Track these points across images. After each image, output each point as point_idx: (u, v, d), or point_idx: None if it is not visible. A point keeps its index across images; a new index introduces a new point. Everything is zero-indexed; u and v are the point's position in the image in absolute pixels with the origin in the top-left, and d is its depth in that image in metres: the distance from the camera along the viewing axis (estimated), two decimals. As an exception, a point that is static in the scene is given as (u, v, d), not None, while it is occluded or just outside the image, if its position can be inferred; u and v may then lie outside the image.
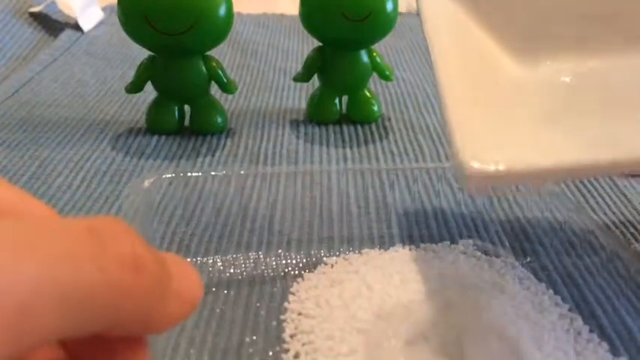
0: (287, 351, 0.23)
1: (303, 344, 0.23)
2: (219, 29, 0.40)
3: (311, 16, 0.42)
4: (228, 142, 0.42)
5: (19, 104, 0.47)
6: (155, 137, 0.42)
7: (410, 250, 0.30)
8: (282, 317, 0.25)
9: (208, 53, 0.41)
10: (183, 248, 0.29)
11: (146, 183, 0.28)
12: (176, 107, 0.42)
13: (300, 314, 0.25)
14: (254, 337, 0.24)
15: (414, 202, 0.34)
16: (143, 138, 0.41)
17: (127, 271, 0.11)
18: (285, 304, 0.26)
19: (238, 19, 0.67)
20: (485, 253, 0.30)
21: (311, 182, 0.33)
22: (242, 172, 0.32)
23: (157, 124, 0.42)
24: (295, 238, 0.30)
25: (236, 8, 0.41)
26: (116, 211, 0.33)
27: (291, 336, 0.24)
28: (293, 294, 0.26)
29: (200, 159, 0.39)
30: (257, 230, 0.31)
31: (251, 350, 0.23)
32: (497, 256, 0.29)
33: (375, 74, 0.45)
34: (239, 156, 0.40)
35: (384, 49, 0.62)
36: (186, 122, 0.43)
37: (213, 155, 0.40)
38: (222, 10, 0.38)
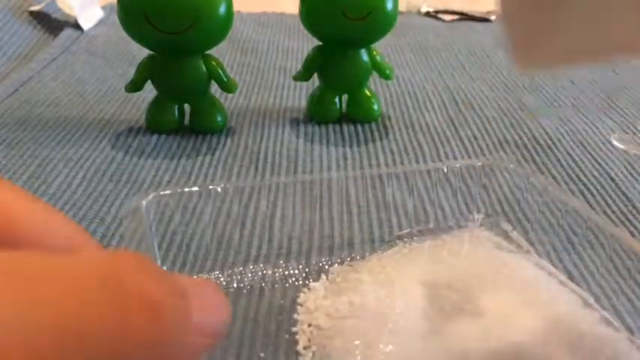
0: None
1: (320, 357, 0.23)
2: (219, 28, 0.40)
3: (311, 15, 0.42)
4: (228, 141, 0.42)
5: (19, 103, 0.47)
6: (155, 136, 0.42)
7: (413, 247, 0.29)
8: (293, 330, 0.25)
9: (208, 52, 0.41)
10: (184, 265, 0.29)
11: (144, 201, 0.27)
12: (176, 106, 0.42)
13: (310, 325, 0.25)
14: (265, 353, 0.24)
15: (414, 201, 0.33)
16: (143, 137, 0.41)
17: (144, 317, 0.11)
18: (295, 316, 0.25)
19: (238, 18, 0.67)
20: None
21: (310, 189, 0.33)
22: (239, 184, 0.31)
23: (156, 123, 0.42)
24: (296, 246, 0.30)
25: (236, 7, 0.41)
26: (115, 211, 0.33)
27: (305, 348, 0.24)
28: (301, 305, 0.26)
29: (200, 158, 0.39)
30: (257, 242, 0.30)
31: (262, 355, 0.23)
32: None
33: (375, 73, 0.45)
34: (239, 155, 0.40)
35: (384, 47, 0.62)
36: (186, 121, 0.43)
37: (213, 154, 0.40)
38: (222, 9, 0.38)
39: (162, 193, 0.28)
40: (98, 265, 0.11)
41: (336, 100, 0.45)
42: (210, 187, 0.30)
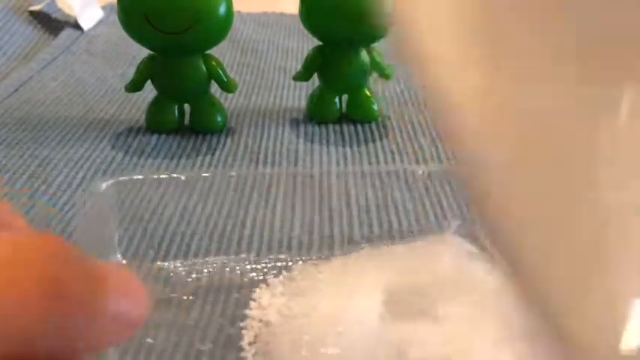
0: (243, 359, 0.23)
1: (262, 353, 0.23)
2: (219, 28, 0.40)
3: (311, 15, 0.42)
4: (228, 141, 0.42)
5: (19, 103, 0.47)
6: (155, 136, 0.42)
7: (381, 251, 0.29)
8: (241, 324, 0.25)
9: (208, 52, 0.41)
10: (143, 253, 0.29)
11: (103, 186, 0.27)
12: (176, 106, 0.42)
13: (260, 321, 0.25)
14: (211, 346, 0.24)
15: (390, 203, 0.33)
16: (143, 137, 0.41)
17: (45, 298, 0.11)
18: (246, 311, 0.25)
19: (238, 17, 0.67)
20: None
21: (293, 183, 0.32)
22: (205, 174, 0.31)
23: (156, 123, 0.42)
24: (263, 242, 0.30)
25: (236, 7, 0.41)
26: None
27: (250, 344, 0.24)
28: (254, 300, 0.26)
29: (200, 158, 0.39)
30: (220, 234, 0.30)
31: (205, 359, 0.23)
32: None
33: (375, 73, 0.45)
34: (239, 155, 0.40)
35: (384, 47, 0.62)
36: (186, 121, 0.43)
37: (213, 154, 0.40)
38: (222, 9, 0.38)
39: (121, 179, 0.28)
40: (9, 243, 0.11)
41: (336, 100, 0.45)
42: (174, 175, 0.30)
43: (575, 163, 0.11)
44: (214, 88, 0.43)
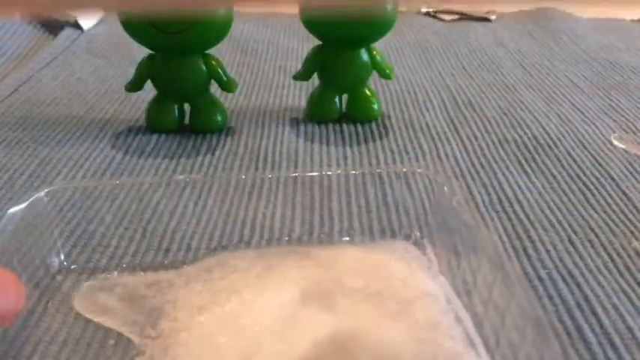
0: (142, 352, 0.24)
1: (161, 347, 0.24)
2: (219, 28, 0.40)
3: (311, 14, 0.42)
4: (228, 141, 0.42)
5: (18, 102, 0.47)
6: (155, 136, 0.42)
7: (317, 253, 0.29)
8: (156, 317, 0.25)
9: (208, 52, 0.41)
10: (83, 256, 0.29)
11: (42, 193, 0.28)
12: (176, 106, 0.42)
13: (172, 318, 0.25)
14: (115, 340, 0.24)
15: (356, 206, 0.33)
16: (143, 137, 0.41)
17: None
18: (165, 307, 0.26)
19: (238, 17, 0.67)
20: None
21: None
22: (144, 180, 0.32)
23: (156, 123, 0.42)
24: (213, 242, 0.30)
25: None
26: (115, 211, 0.33)
27: (154, 339, 0.24)
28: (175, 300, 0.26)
29: (200, 157, 0.39)
30: (177, 237, 0.30)
31: (112, 341, 0.24)
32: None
33: (375, 72, 0.45)
34: (239, 154, 0.40)
35: (384, 47, 0.62)
36: (186, 121, 0.43)
37: (213, 154, 0.40)
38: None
39: (64, 185, 0.29)
40: None
41: (336, 99, 0.45)
42: (117, 182, 0.31)
43: None
44: (214, 88, 0.43)
